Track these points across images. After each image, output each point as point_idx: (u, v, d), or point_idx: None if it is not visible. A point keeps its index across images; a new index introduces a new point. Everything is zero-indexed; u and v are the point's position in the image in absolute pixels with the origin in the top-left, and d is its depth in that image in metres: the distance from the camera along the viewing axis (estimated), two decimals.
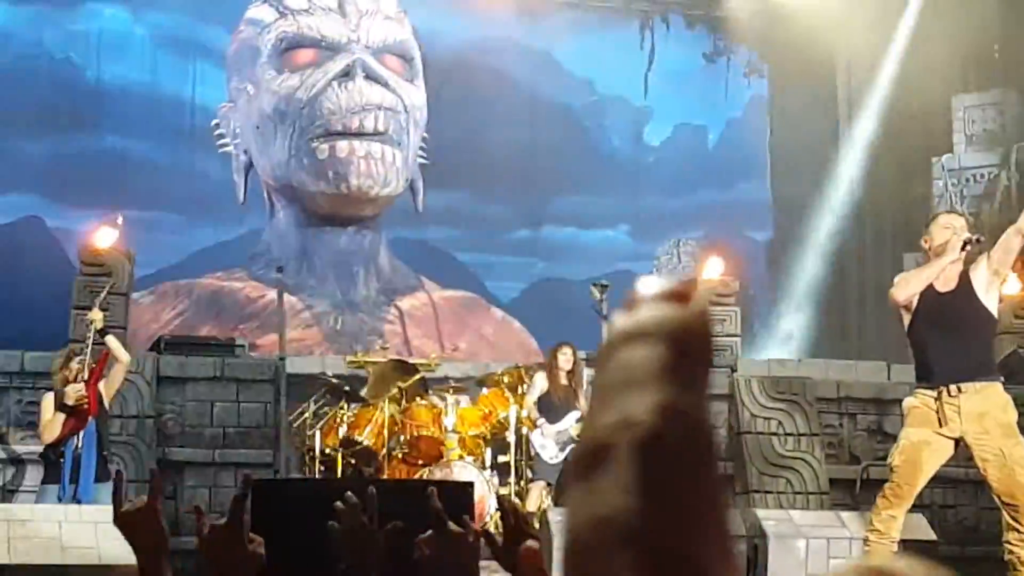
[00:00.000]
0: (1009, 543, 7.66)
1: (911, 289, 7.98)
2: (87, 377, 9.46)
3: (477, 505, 8.68)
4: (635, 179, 18.58)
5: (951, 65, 15.84)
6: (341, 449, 11.10)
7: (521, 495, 11.05)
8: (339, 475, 10.86)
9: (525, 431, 11.26)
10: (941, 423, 7.80)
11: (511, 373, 11.81)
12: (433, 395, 11.66)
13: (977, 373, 7.88)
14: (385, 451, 11.08)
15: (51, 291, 13.58)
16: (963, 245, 7.86)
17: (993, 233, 8.72)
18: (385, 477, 10.76)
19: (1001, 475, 7.68)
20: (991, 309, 7.96)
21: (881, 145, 17.88)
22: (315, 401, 11.61)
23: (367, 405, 11.40)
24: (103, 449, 9.53)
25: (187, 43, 17.52)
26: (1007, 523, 7.68)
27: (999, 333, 9.31)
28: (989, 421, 7.78)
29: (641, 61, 18.75)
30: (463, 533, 2.86)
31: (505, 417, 11.30)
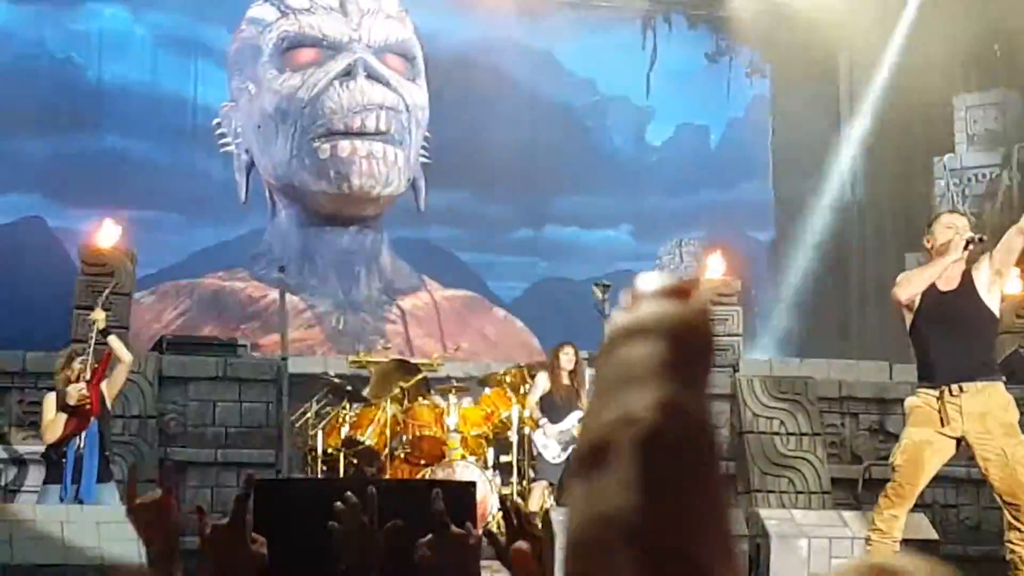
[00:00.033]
0: (1011, 542, 7.66)
1: (913, 288, 7.98)
2: (89, 377, 9.45)
3: (479, 505, 8.67)
4: (637, 179, 18.56)
5: (952, 65, 15.83)
6: (343, 449, 11.09)
7: (523, 495, 11.05)
8: (341, 475, 10.85)
9: (527, 431, 11.25)
10: (943, 422, 7.80)
11: (513, 373, 11.81)
12: (435, 395, 11.66)
13: (979, 373, 7.88)
14: (387, 451, 11.07)
15: (52, 291, 13.58)
16: (965, 244, 7.86)
17: (995, 233, 8.72)
18: (387, 477, 10.76)
19: (1003, 475, 7.68)
20: (993, 309, 7.97)
21: (883, 145, 17.87)
22: (317, 401, 11.60)
23: (369, 405, 11.39)
24: (105, 449, 9.53)
25: (188, 43, 17.50)
26: (1008, 522, 7.68)
27: (1000, 333, 9.30)
28: (991, 421, 7.78)
29: (643, 61, 18.73)
30: (464, 535, 2.86)
31: (507, 417, 11.29)
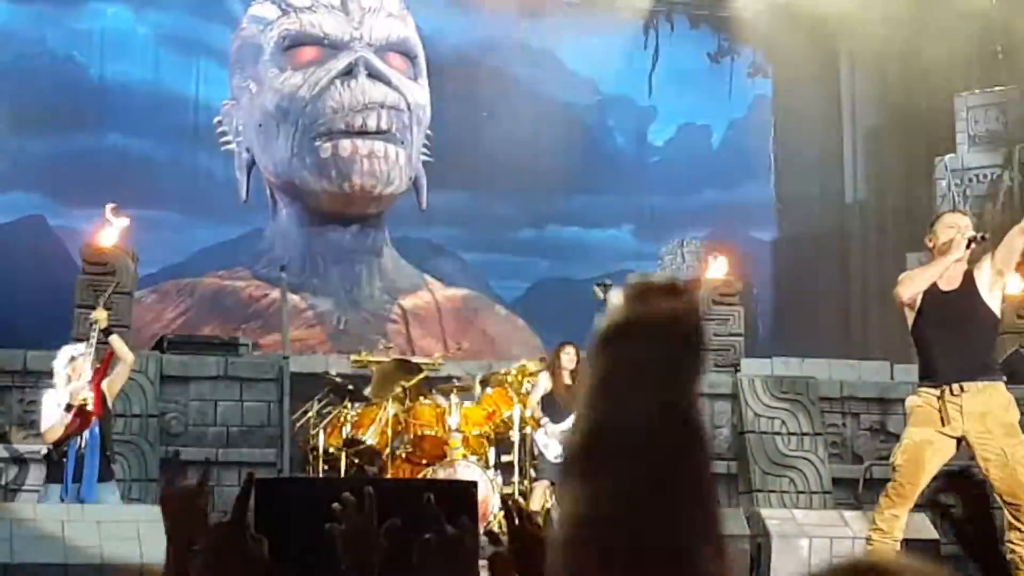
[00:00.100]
0: (1011, 542, 7.66)
1: (915, 287, 7.98)
2: (91, 377, 9.44)
3: (480, 505, 8.66)
4: (639, 179, 18.54)
5: (954, 65, 15.82)
6: (345, 448, 11.08)
7: (525, 494, 11.04)
8: (343, 475, 10.84)
9: (529, 430, 11.25)
10: (943, 422, 7.81)
11: (521, 370, 11.78)
12: (437, 394, 11.65)
13: (980, 372, 7.89)
14: (389, 450, 11.06)
15: (53, 290, 13.58)
16: (967, 243, 7.87)
17: (996, 233, 8.72)
18: (389, 476, 10.75)
19: (1003, 474, 7.69)
20: (994, 309, 7.97)
21: (884, 145, 17.88)
22: (319, 400, 11.58)
23: (371, 404, 11.38)
24: (106, 449, 9.51)
25: (190, 41, 17.49)
26: (1009, 522, 7.68)
27: (1001, 333, 9.30)
28: (991, 421, 7.79)
29: (645, 61, 18.71)
30: (462, 535, 2.86)
31: (509, 416, 11.29)
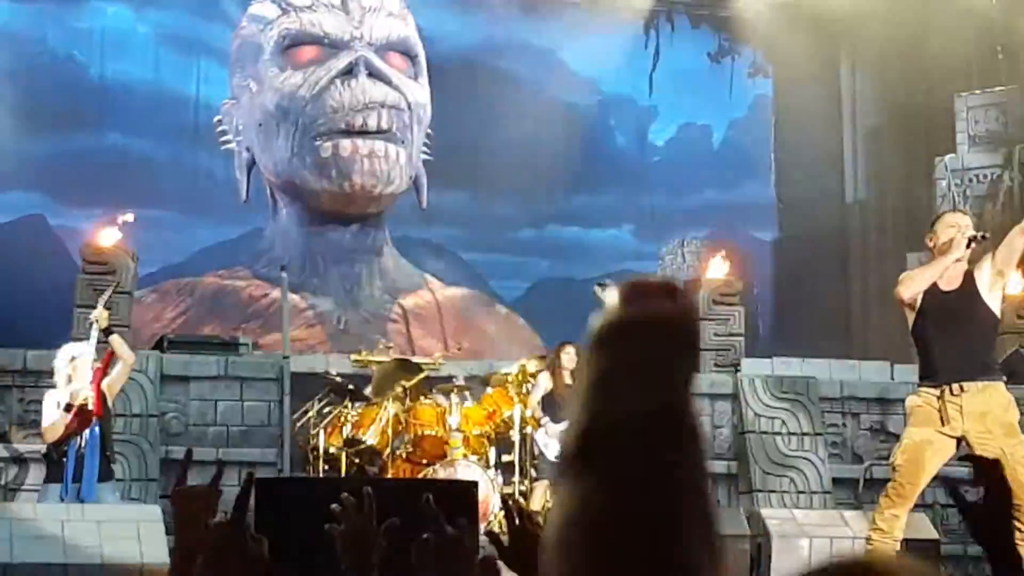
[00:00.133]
0: None
1: (916, 287, 7.98)
2: (91, 376, 9.43)
3: (481, 504, 8.66)
4: (640, 178, 18.54)
5: (954, 65, 15.82)
6: (345, 448, 11.07)
7: (525, 494, 11.05)
8: (343, 474, 10.83)
9: (529, 430, 11.25)
10: (943, 422, 7.81)
11: (522, 370, 11.76)
12: (437, 394, 11.64)
13: (980, 372, 7.89)
14: (389, 450, 11.06)
15: (53, 289, 13.57)
16: (968, 243, 7.87)
17: (996, 233, 8.71)
18: (389, 476, 10.75)
19: None
20: (994, 309, 7.97)
21: (885, 145, 17.87)
22: (319, 400, 11.57)
23: (371, 404, 11.38)
24: (106, 448, 9.50)
25: (190, 41, 17.48)
26: None
27: (1001, 333, 9.30)
28: (991, 420, 7.79)
29: (646, 60, 18.71)
30: (460, 535, 2.86)
31: (509, 416, 11.28)
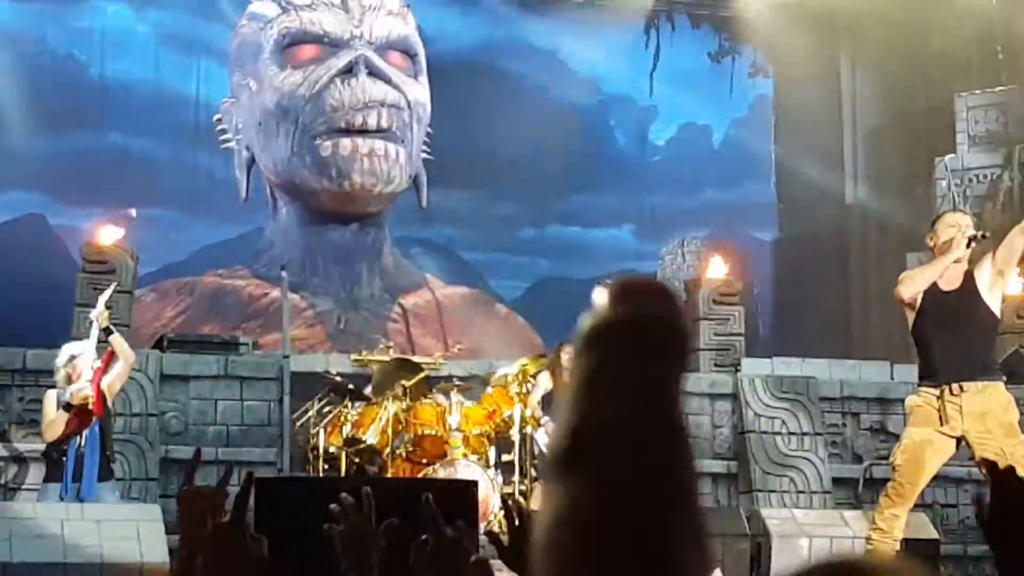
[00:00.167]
0: None
1: (916, 286, 7.98)
2: (91, 376, 9.43)
3: (481, 504, 8.66)
4: (640, 178, 18.53)
5: (954, 65, 15.82)
6: (345, 448, 11.07)
7: (525, 494, 11.04)
8: (343, 474, 10.83)
9: (529, 430, 11.25)
10: (943, 421, 7.81)
11: (524, 370, 11.73)
12: (437, 393, 11.64)
13: (980, 372, 7.89)
14: (389, 450, 11.06)
15: (53, 288, 13.57)
16: (968, 242, 7.87)
17: (996, 233, 8.72)
18: (389, 476, 10.75)
19: None
20: (994, 309, 7.97)
21: (884, 145, 17.87)
22: (319, 400, 11.57)
23: (371, 404, 11.38)
24: (106, 448, 9.49)
25: (191, 40, 17.47)
26: None
27: (1001, 333, 9.30)
28: (991, 420, 7.79)
29: (646, 60, 18.72)
30: (459, 536, 2.86)
31: (509, 416, 11.28)
